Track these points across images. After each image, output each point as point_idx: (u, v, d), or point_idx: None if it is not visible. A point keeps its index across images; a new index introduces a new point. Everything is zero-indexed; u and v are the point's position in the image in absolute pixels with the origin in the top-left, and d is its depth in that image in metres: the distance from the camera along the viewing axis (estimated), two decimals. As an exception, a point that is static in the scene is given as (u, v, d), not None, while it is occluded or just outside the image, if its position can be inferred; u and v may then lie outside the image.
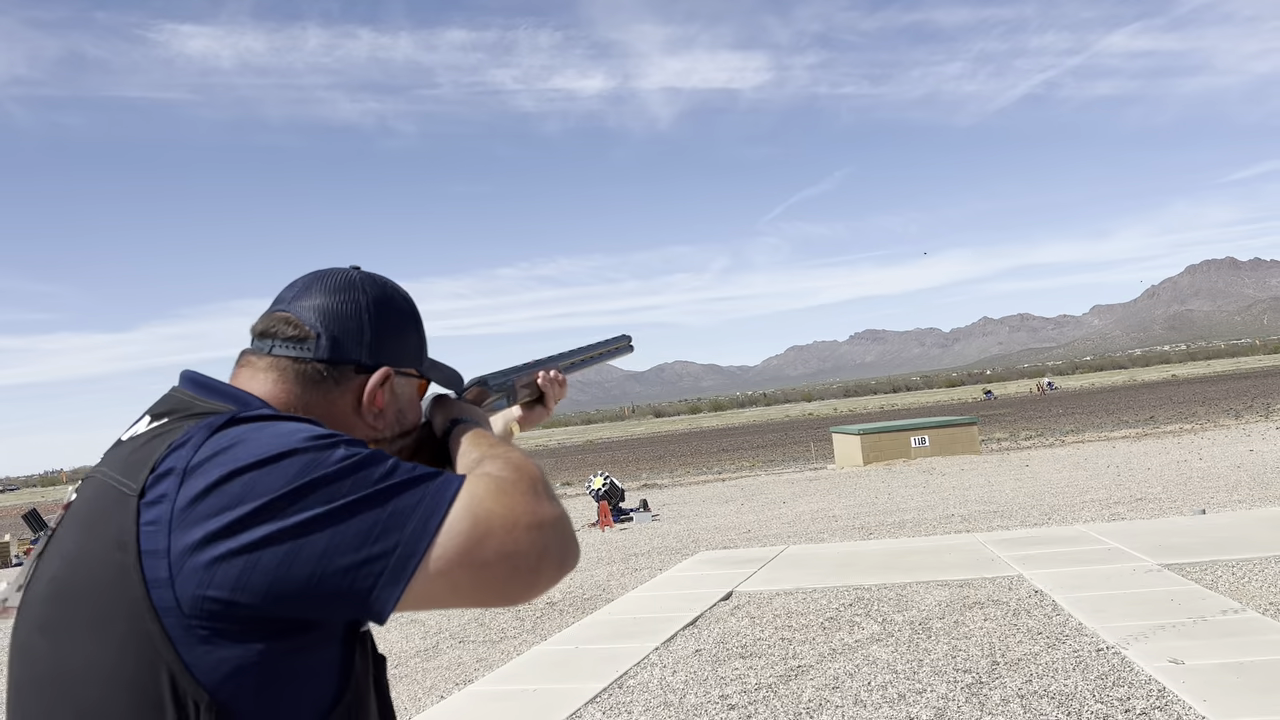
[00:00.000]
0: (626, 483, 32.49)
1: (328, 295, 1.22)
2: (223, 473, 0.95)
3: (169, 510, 0.95)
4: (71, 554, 1.00)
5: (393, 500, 0.96)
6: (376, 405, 1.22)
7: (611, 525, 18.33)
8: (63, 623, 0.98)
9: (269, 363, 1.20)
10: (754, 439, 67.65)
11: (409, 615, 10.39)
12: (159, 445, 1.01)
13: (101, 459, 1.11)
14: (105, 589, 0.96)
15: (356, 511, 0.94)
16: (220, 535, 0.92)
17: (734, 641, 7.41)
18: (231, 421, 1.01)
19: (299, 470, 0.95)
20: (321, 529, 0.93)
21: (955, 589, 8.41)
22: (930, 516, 14.18)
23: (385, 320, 1.24)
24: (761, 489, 24.44)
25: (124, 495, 0.98)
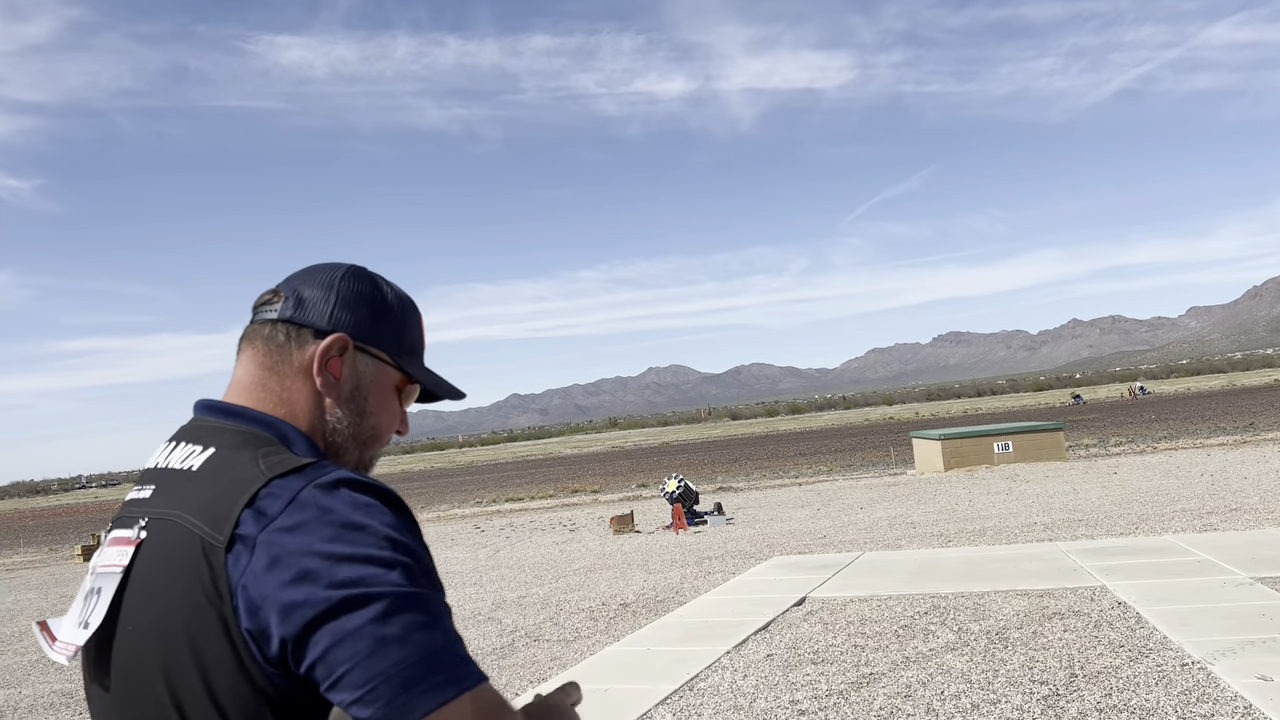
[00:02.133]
0: (701, 486, 32.47)
1: (311, 269, 1.28)
2: (292, 573, 1.00)
3: (246, 573, 1.01)
4: (170, 599, 1.04)
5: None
6: (331, 372, 1.22)
7: (685, 528, 18.37)
8: (175, 665, 1.03)
9: (252, 334, 1.25)
10: (832, 442, 66.86)
11: (487, 613, 10.60)
12: (236, 495, 1.05)
13: (157, 492, 1.14)
14: (211, 635, 1.02)
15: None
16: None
17: (806, 647, 7.39)
18: (303, 485, 1.05)
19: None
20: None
21: (1035, 599, 8.25)
22: (1012, 524, 13.88)
23: (355, 295, 1.26)
24: (838, 494, 24.18)
25: (212, 545, 1.03)
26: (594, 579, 12.59)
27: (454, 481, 65.87)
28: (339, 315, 1.24)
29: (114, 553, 1.13)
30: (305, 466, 1.08)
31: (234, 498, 1.05)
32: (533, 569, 14.77)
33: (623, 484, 41.95)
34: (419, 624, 1.00)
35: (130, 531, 1.12)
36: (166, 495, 1.12)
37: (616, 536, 18.63)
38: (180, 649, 1.03)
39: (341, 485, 1.06)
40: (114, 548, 1.14)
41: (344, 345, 1.23)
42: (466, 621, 10.23)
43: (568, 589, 11.89)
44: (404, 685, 0.96)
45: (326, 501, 1.04)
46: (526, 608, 10.76)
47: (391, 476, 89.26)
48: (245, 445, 1.12)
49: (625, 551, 15.90)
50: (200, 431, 1.18)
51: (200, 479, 1.10)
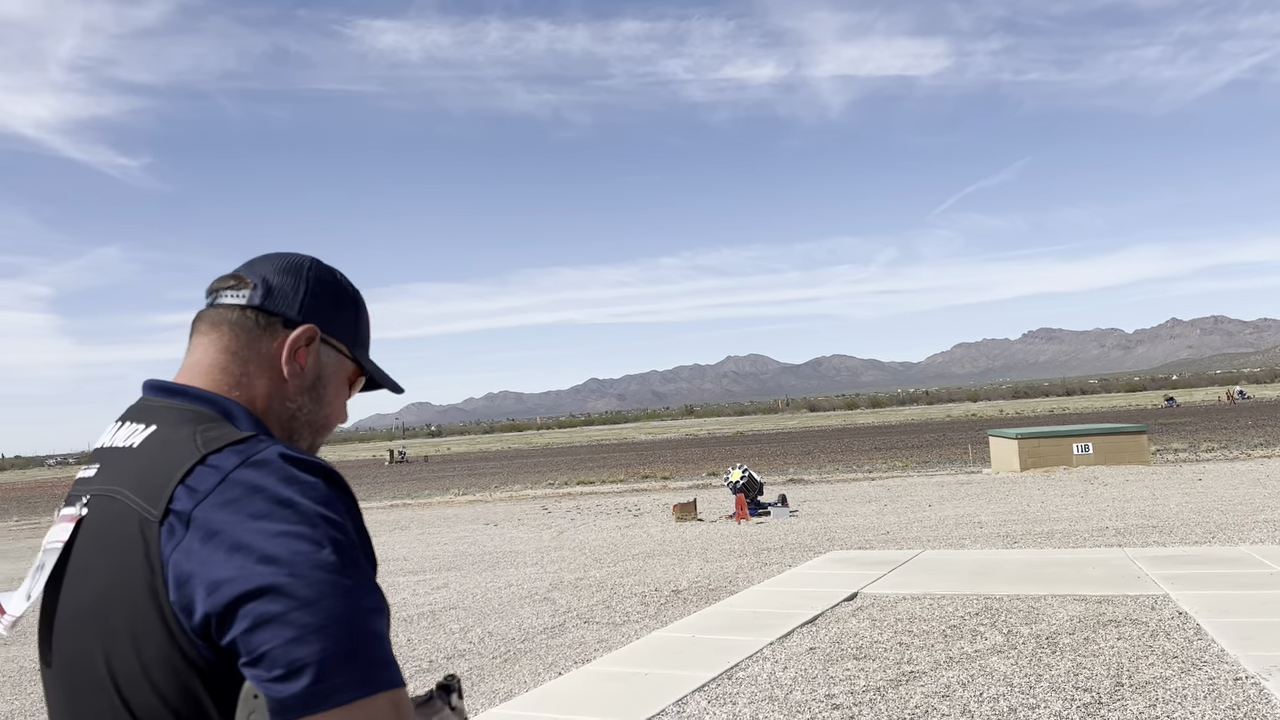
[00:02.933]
0: (772, 477, 32.32)
1: (271, 258, 1.31)
2: (222, 549, 1.01)
3: (177, 548, 1.03)
4: (108, 574, 1.06)
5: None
6: (298, 361, 1.26)
7: (748, 519, 18.35)
8: (112, 638, 1.05)
9: (213, 317, 1.26)
10: (910, 438, 65.75)
11: (543, 593, 10.80)
12: (171, 471, 1.07)
13: (100, 470, 1.17)
14: (144, 608, 1.03)
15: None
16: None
17: (850, 642, 7.36)
18: (238, 463, 1.06)
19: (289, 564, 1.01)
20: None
21: (1092, 605, 8.05)
22: (1082, 528, 13.52)
23: (322, 287, 1.31)
24: (908, 490, 23.82)
25: (147, 520, 1.05)
26: (651, 565, 12.69)
27: (528, 463, 66.82)
28: (308, 306, 1.28)
29: (59, 530, 1.15)
30: (241, 441, 1.09)
31: (169, 473, 1.07)
32: (593, 552, 14.95)
33: (693, 471, 42.00)
34: (346, 613, 0.99)
35: (74, 509, 1.15)
36: (108, 472, 1.14)
37: (678, 524, 18.71)
38: (117, 622, 1.04)
39: (275, 461, 1.06)
40: (59, 525, 1.17)
41: (313, 336, 1.27)
42: (522, 601, 10.44)
43: (624, 573, 12.01)
44: (323, 673, 0.96)
45: (258, 478, 1.04)
46: (582, 590, 10.91)
47: (469, 456, 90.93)
48: (186, 422, 1.14)
49: (685, 539, 15.97)
50: (145, 410, 1.20)
51: (139, 455, 1.12)
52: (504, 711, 6.17)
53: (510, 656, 7.84)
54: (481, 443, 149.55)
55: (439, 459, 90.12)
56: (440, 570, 13.74)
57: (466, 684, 7.02)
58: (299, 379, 1.26)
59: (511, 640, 8.46)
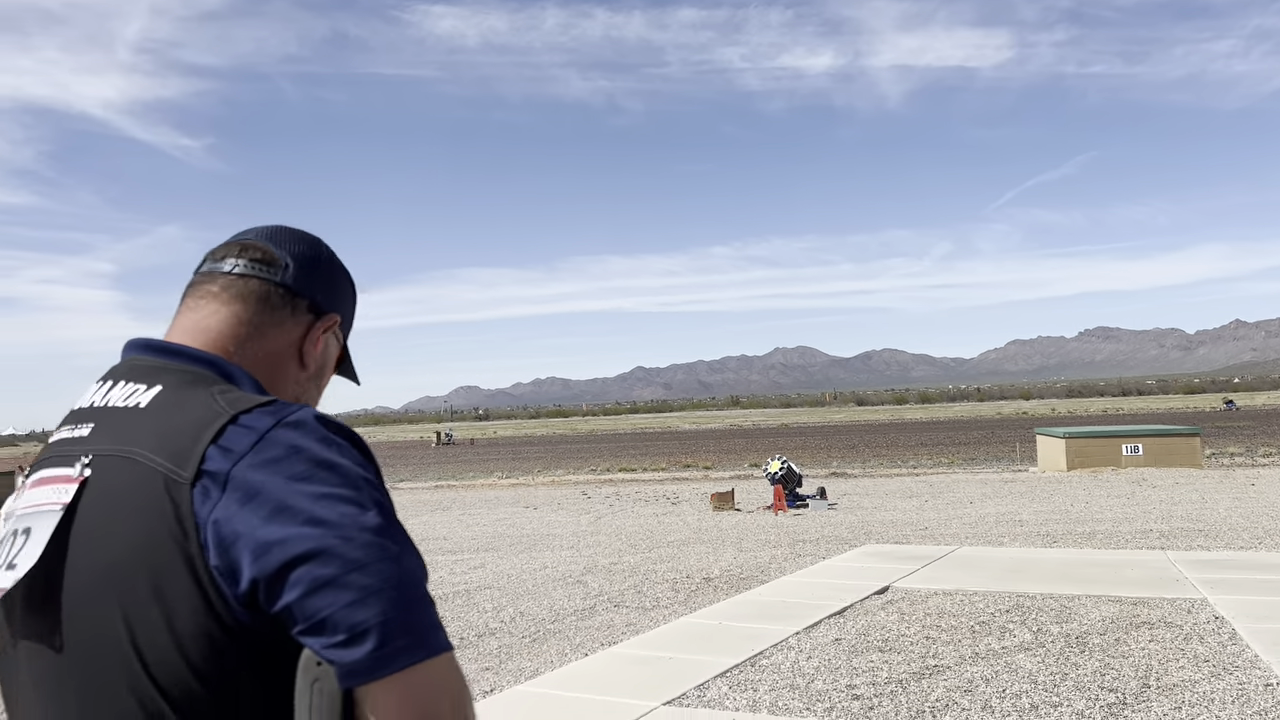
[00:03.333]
0: (814, 470, 32.19)
1: (294, 238, 1.26)
2: (266, 510, 0.97)
3: (216, 509, 0.98)
4: (127, 537, 0.99)
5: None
6: (315, 349, 1.24)
7: (785, 510, 18.31)
8: (134, 604, 0.98)
9: (230, 287, 1.20)
10: (957, 435, 64.97)
11: (576, 576, 10.91)
12: (198, 431, 1.01)
13: (98, 430, 1.09)
14: (175, 574, 0.97)
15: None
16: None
17: (876, 635, 7.35)
18: (274, 423, 1.02)
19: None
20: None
21: (1127, 606, 7.94)
22: (1125, 530, 13.30)
23: (339, 275, 1.30)
24: (950, 487, 23.58)
25: (174, 481, 0.99)
26: (685, 552, 12.75)
27: (572, 449, 67.24)
28: (330, 294, 1.27)
29: (47, 491, 1.07)
30: (269, 402, 1.05)
31: (197, 433, 1.01)
32: (629, 538, 15.05)
33: (735, 462, 41.96)
34: (399, 576, 0.97)
35: (69, 469, 1.06)
36: (112, 433, 1.07)
37: (715, 513, 18.75)
38: (140, 587, 0.97)
39: (311, 422, 1.03)
40: (45, 487, 1.08)
41: (333, 325, 1.26)
42: (555, 583, 10.56)
43: (658, 560, 12.09)
44: (386, 636, 0.93)
45: (297, 439, 1.00)
46: (615, 574, 11.01)
47: (514, 440, 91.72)
48: (194, 383, 1.09)
49: (721, 528, 16.00)
50: (141, 370, 1.13)
51: (152, 415, 1.06)
52: (529, 689, 6.28)
53: (539, 636, 7.95)
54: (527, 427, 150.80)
55: (484, 442, 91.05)
56: (478, 551, 13.94)
57: (495, 661, 7.15)
58: (311, 365, 1.24)
59: (542, 621, 8.58)
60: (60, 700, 1.02)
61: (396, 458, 63.00)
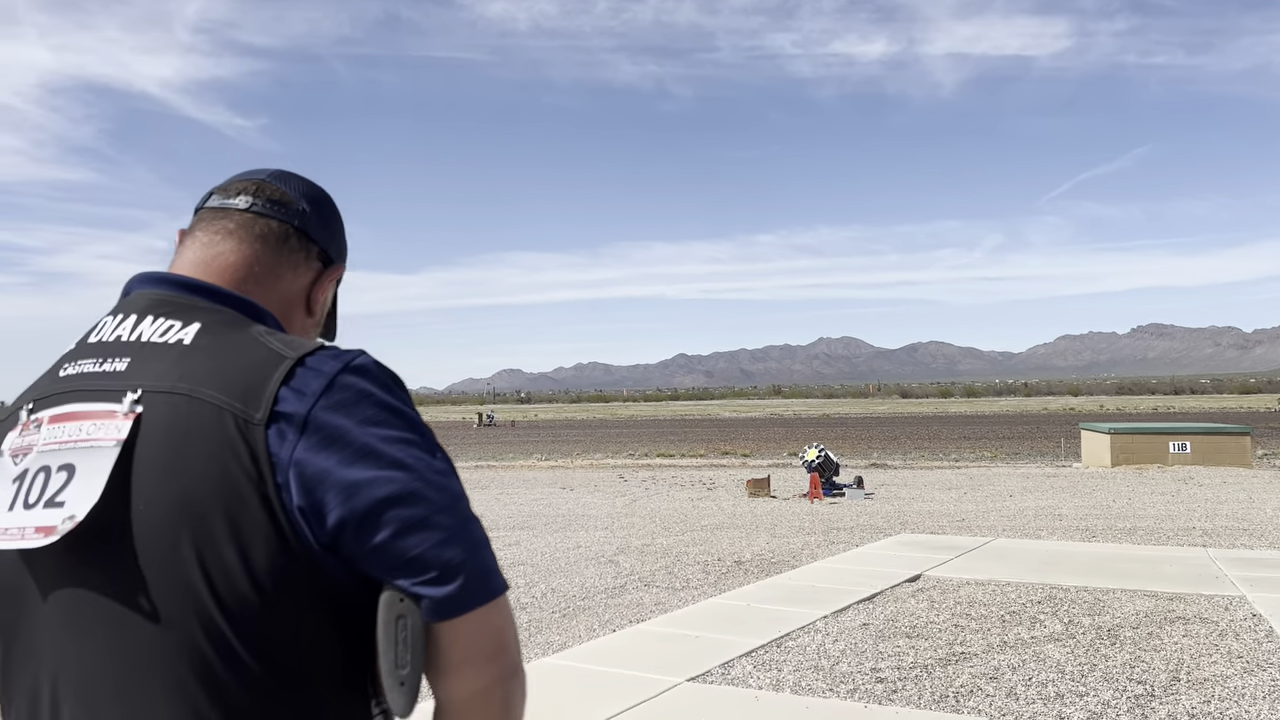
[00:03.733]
0: (854, 460, 32.00)
1: (305, 183, 1.25)
2: (348, 453, 0.99)
3: (297, 450, 0.98)
4: (197, 474, 0.98)
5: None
6: (322, 295, 1.25)
7: (821, 498, 18.25)
8: (208, 541, 0.97)
9: (246, 225, 1.18)
10: (1002, 429, 64.13)
11: (609, 556, 11.01)
12: (264, 371, 1.01)
13: (135, 365, 1.05)
14: (251, 513, 0.97)
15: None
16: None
17: (905, 621, 7.34)
18: (341, 367, 1.03)
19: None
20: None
21: (1163, 601, 7.84)
22: (1168, 527, 13.08)
23: (341, 225, 1.30)
24: (991, 480, 23.32)
25: (247, 421, 0.98)
26: (718, 536, 12.78)
27: (611, 433, 67.47)
28: (338, 245, 1.27)
29: (85, 426, 1.03)
30: (326, 346, 1.06)
31: (264, 373, 1.01)
32: (662, 520, 15.12)
33: (774, 450, 41.83)
34: (471, 517, 1.02)
35: (113, 404, 1.03)
36: (158, 369, 1.03)
37: (751, 499, 18.74)
38: (215, 525, 0.96)
39: (374, 367, 1.05)
40: (78, 422, 1.04)
41: (340, 277, 1.28)
42: (587, 562, 10.66)
43: (690, 543, 12.14)
44: (472, 573, 0.99)
45: (365, 384, 1.02)
46: (647, 555, 11.08)
47: (555, 424, 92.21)
48: (234, 323, 1.08)
49: (756, 514, 16.01)
50: (169, 306, 1.10)
51: (202, 353, 1.04)
52: (555, 661, 6.37)
53: (569, 613, 8.04)
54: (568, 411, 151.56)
55: (525, 424, 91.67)
56: (513, 529, 14.09)
57: (524, 635, 7.26)
58: (316, 313, 1.25)
59: (572, 598, 8.68)
60: (120, 641, 0.98)
61: (439, 437, 63.32)
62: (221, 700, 0.96)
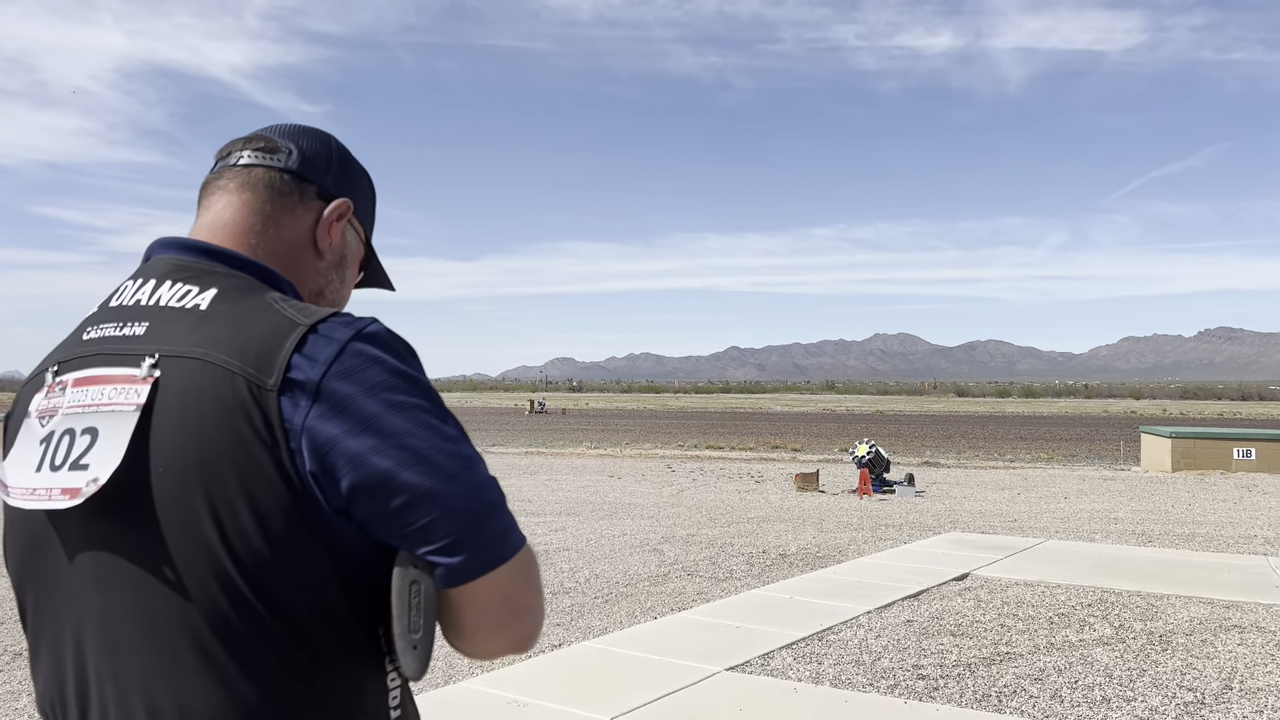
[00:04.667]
0: (906, 458, 31.63)
1: (301, 131, 1.25)
2: (358, 420, 0.99)
3: (310, 417, 0.98)
4: (211, 439, 0.98)
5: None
6: (330, 236, 1.22)
7: (870, 494, 18.08)
8: (224, 505, 0.98)
9: (237, 178, 1.19)
10: (1060, 431, 62.85)
11: (654, 545, 11.04)
12: (278, 338, 1.01)
13: (153, 329, 1.06)
14: (266, 479, 0.98)
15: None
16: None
17: (950, 619, 7.26)
18: (352, 335, 1.02)
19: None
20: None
21: (1219, 609, 7.64)
22: (1228, 534, 12.72)
23: (350, 165, 1.27)
24: (1046, 482, 22.89)
25: (260, 387, 0.99)
26: (764, 529, 12.74)
27: (661, 424, 67.51)
28: (341, 181, 1.25)
29: (107, 390, 1.04)
30: (339, 313, 1.05)
31: (277, 340, 1.01)
32: (709, 511, 15.11)
33: (825, 446, 41.52)
34: (482, 481, 1.02)
35: (133, 369, 1.04)
36: (176, 334, 1.04)
37: (799, 493, 18.63)
38: (232, 490, 0.98)
39: (384, 335, 1.04)
40: (100, 386, 1.05)
41: (345, 211, 1.23)
42: (632, 549, 10.70)
43: (736, 534, 12.12)
44: (482, 540, 0.99)
45: (376, 351, 1.02)
46: (692, 545, 11.09)
47: (605, 413, 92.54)
48: (250, 289, 1.09)
49: (804, 508, 15.92)
50: (188, 271, 1.11)
51: (220, 319, 1.04)
52: (595, 645, 6.42)
53: (611, 599, 8.09)
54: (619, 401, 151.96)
55: (576, 412, 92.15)
56: (560, 515, 14.20)
57: (566, 619, 7.32)
58: (330, 253, 1.23)
59: (615, 584, 8.72)
60: (142, 598, 1.00)
61: (491, 423, 64.34)
62: (239, 653, 0.98)
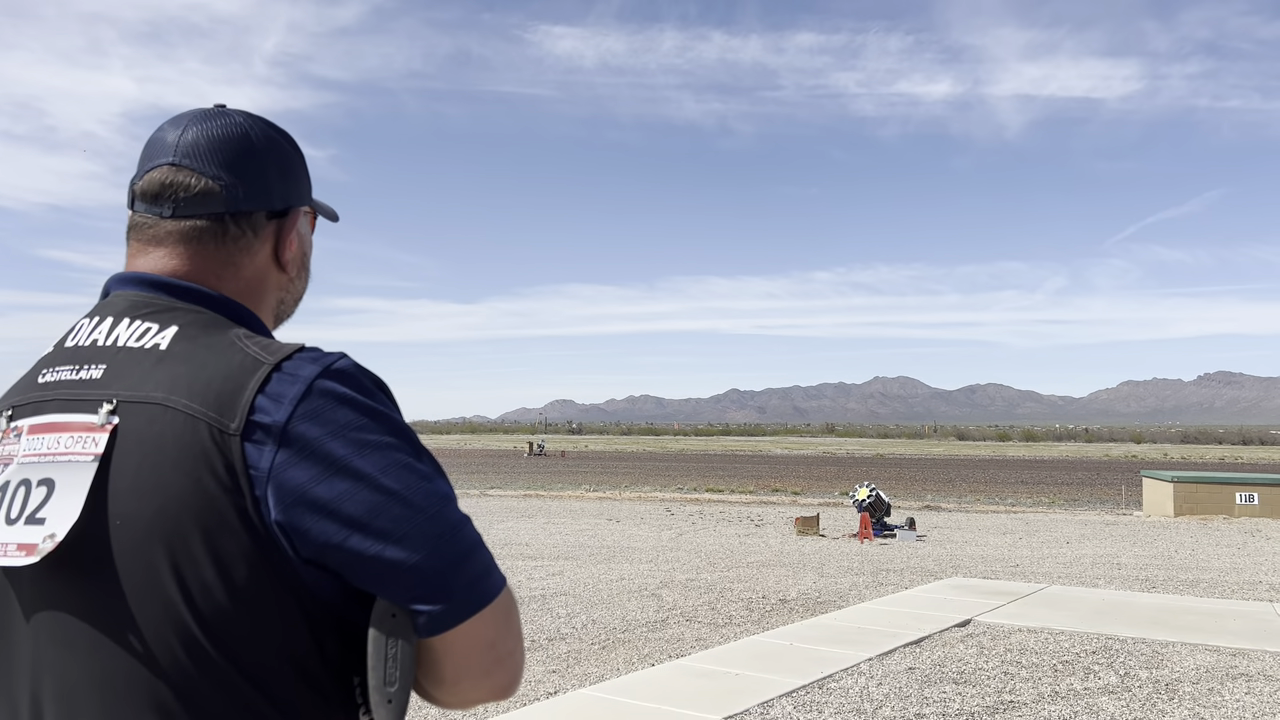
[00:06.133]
0: (906, 501, 31.47)
1: (218, 139, 1.09)
2: (326, 465, 0.93)
3: (275, 463, 0.93)
4: (171, 489, 0.93)
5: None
6: (290, 249, 1.15)
7: (871, 538, 17.94)
8: (187, 560, 0.92)
9: (173, 229, 1.08)
10: (1061, 475, 62.59)
11: (652, 590, 10.91)
12: (240, 378, 0.95)
13: (111, 372, 0.99)
14: (230, 529, 0.92)
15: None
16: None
17: (953, 667, 7.15)
18: (319, 372, 0.97)
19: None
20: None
21: (1225, 656, 7.53)
22: (1232, 580, 12.61)
23: (281, 158, 1.15)
24: (1048, 526, 22.74)
25: (222, 432, 0.93)
26: (764, 574, 12.62)
27: (660, 466, 67.25)
28: (281, 188, 1.13)
29: (62, 439, 0.98)
30: (303, 349, 1.00)
31: (238, 380, 0.95)
32: (708, 556, 14.98)
33: (825, 489, 41.31)
34: (457, 521, 0.96)
35: (89, 415, 0.97)
36: (134, 377, 0.98)
37: (799, 537, 18.49)
38: (191, 543, 0.92)
39: (353, 371, 0.99)
40: (56, 434, 0.98)
41: (299, 217, 1.17)
42: (630, 594, 10.58)
43: (735, 579, 12.00)
44: (460, 584, 0.94)
45: (344, 389, 0.96)
46: (690, 590, 10.97)
47: (605, 455, 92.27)
48: (213, 326, 1.02)
49: (804, 552, 15.78)
50: (148, 308, 1.04)
51: (178, 360, 0.98)
52: (591, 693, 6.31)
53: (609, 644, 7.98)
54: (618, 443, 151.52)
55: (575, 455, 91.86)
56: (557, 559, 14.07)
57: (562, 665, 7.21)
58: (294, 263, 1.16)
59: (613, 629, 8.61)
60: (102, 657, 0.94)
61: (489, 466, 64.05)
62: (200, 711, 0.92)
